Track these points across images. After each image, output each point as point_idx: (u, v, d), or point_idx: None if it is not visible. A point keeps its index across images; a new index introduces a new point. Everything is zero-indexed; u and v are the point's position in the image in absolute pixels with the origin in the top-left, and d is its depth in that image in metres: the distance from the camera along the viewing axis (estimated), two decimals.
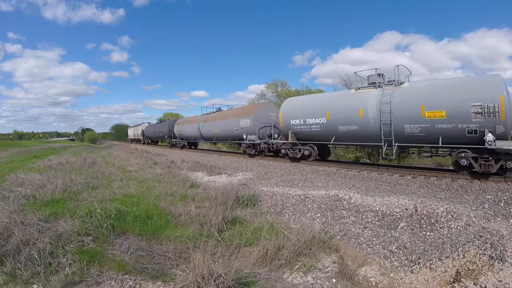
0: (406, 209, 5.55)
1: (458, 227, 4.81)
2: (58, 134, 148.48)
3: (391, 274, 4.13)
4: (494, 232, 4.38)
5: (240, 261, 4.07)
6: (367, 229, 5.33)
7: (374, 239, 4.98)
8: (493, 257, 3.81)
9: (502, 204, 5.60)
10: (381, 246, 4.76)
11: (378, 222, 5.43)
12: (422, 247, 4.51)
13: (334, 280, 3.82)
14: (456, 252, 4.19)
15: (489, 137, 7.10)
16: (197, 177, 11.02)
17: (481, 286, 3.43)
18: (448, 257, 4.15)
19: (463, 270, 3.86)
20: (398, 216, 5.44)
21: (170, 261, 4.04)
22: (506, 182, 7.07)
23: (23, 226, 4.45)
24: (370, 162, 19.06)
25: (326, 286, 3.70)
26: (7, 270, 3.48)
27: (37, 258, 3.66)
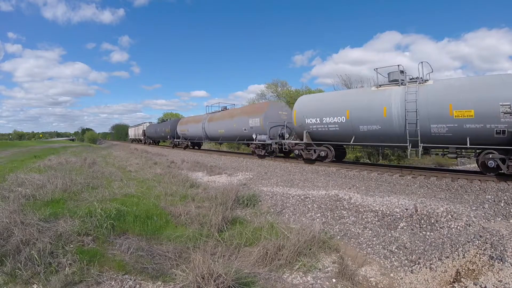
0: (406, 209, 5.55)
1: (458, 227, 4.81)
2: (58, 134, 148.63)
3: (391, 274, 4.13)
4: (494, 232, 4.38)
5: (240, 261, 4.07)
6: (367, 229, 5.33)
7: (374, 239, 4.98)
8: (493, 257, 3.81)
9: (502, 204, 5.60)
10: (381, 246, 4.76)
11: (378, 222, 5.43)
12: (422, 247, 4.51)
13: (334, 280, 3.81)
14: (456, 252, 4.19)
15: None
16: (197, 177, 11.02)
17: (481, 286, 3.43)
18: (448, 257, 4.15)
19: (463, 270, 3.86)
20: (398, 216, 5.44)
21: (170, 261, 4.04)
22: (506, 182, 7.07)
23: (23, 226, 4.45)
24: (370, 162, 19.06)
25: (326, 286, 3.69)
26: (7, 270, 3.48)
27: (37, 258, 3.66)
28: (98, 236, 4.69)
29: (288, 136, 13.83)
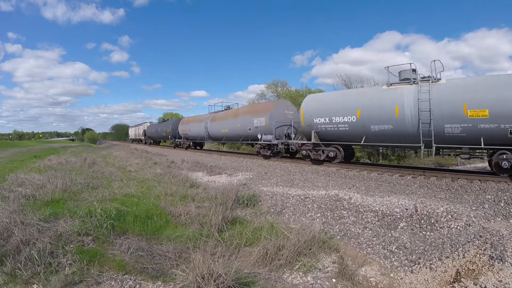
0: (406, 209, 5.55)
1: (458, 227, 4.81)
2: (58, 134, 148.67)
3: (391, 274, 4.13)
4: (494, 232, 4.38)
5: (240, 261, 4.07)
6: (367, 229, 5.33)
7: (374, 239, 4.98)
8: (493, 257, 3.81)
9: (502, 204, 5.60)
10: (381, 246, 4.76)
11: (378, 222, 5.43)
12: (422, 247, 4.51)
13: (334, 280, 3.81)
14: (456, 252, 4.19)
15: None
16: (197, 177, 11.01)
17: (481, 286, 3.43)
18: (448, 257, 4.15)
19: (463, 270, 3.86)
20: (398, 216, 5.44)
21: (170, 261, 4.04)
22: (506, 182, 7.07)
23: (23, 226, 4.44)
24: (370, 162, 19.05)
25: (326, 286, 3.69)
26: (7, 270, 3.48)
27: (37, 258, 3.65)
28: (98, 236, 4.69)
29: (294, 136, 13.47)
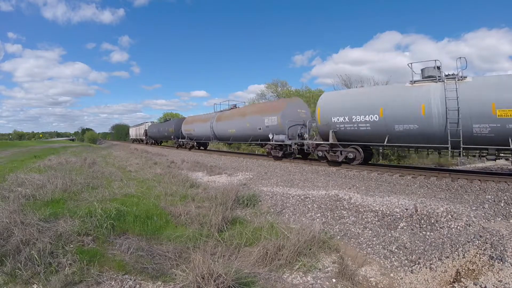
0: (406, 209, 5.55)
1: (458, 227, 4.81)
2: (58, 134, 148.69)
3: (391, 274, 4.13)
4: (494, 232, 4.38)
5: (240, 261, 4.07)
6: (367, 229, 5.33)
7: (374, 239, 4.98)
8: (493, 257, 3.81)
9: (502, 204, 5.60)
10: (381, 246, 4.76)
11: (378, 222, 5.43)
12: (422, 247, 4.51)
13: (334, 280, 3.81)
14: (456, 252, 4.19)
15: None
16: (197, 177, 11.02)
17: (481, 286, 3.43)
18: (448, 257, 4.15)
19: (463, 270, 3.86)
20: (398, 216, 5.44)
21: (170, 261, 4.04)
22: (506, 182, 7.08)
23: (23, 226, 4.45)
24: (370, 162, 19.00)
25: (326, 286, 3.69)
26: (7, 270, 3.48)
27: (37, 258, 3.65)
28: (98, 236, 4.69)
29: (307, 136, 12.94)
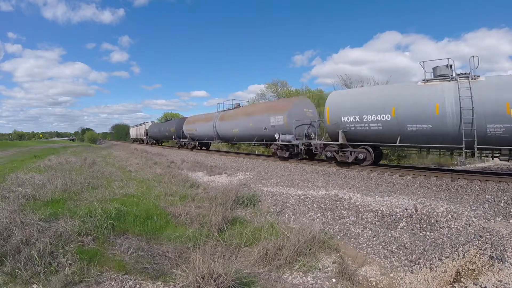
0: (406, 209, 5.55)
1: (458, 227, 4.81)
2: (58, 134, 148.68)
3: (391, 274, 4.13)
4: (494, 232, 4.38)
5: (240, 261, 4.07)
6: (367, 229, 5.33)
7: (374, 239, 4.98)
8: (493, 257, 3.81)
9: (502, 204, 5.60)
10: (381, 246, 4.76)
11: (378, 222, 5.43)
12: (422, 247, 4.51)
13: (334, 280, 3.82)
14: (456, 252, 4.19)
15: None
16: (197, 177, 11.02)
17: (481, 286, 3.43)
18: (448, 257, 4.15)
19: (463, 270, 3.86)
20: (398, 216, 5.44)
21: (170, 261, 4.04)
22: (506, 182, 7.08)
23: (23, 226, 4.45)
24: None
25: (326, 286, 3.69)
26: (7, 270, 3.48)
27: (37, 258, 3.66)
28: (98, 236, 4.69)
29: (314, 136, 12.74)
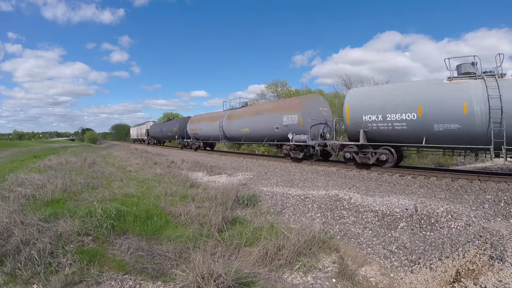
0: (406, 209, 5.55)
1: (458, 227, 4.81)
2: (58, 134, 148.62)
3: (391, 274, 4.13)
4: (494, 232, 4.38)
5: (240, 261, 4.07)
6: (367, 229, 5.33)
7: (374, 239, 4.98)
8: (493, 257, 3.81)
9: (502, 204, 5.60)
10: (381, 246, 4.76)
11: (378, 222, 5.43)
12: (422, 247, 4.51)
13: (334, 280, 3.82)
14: (456, 252, 4.19)
15: None
16: (197, 177, 11.02)
17: (481, 286, 3.43)
18: (448, 257, 4.15)
19: (463, 270, 3.86)
20: (398, 216, 5.44)
21: (170, 261, 4.04)
22: (506, 182, 7.07)
23: (23, 226, 4.45)
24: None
25: (326, 286, 3.70)
26: (7, 270, 3.48)
27: (37, 258, 3.66)
28: (98, 236, 4.69)
29: (329, 136, 12.25)
